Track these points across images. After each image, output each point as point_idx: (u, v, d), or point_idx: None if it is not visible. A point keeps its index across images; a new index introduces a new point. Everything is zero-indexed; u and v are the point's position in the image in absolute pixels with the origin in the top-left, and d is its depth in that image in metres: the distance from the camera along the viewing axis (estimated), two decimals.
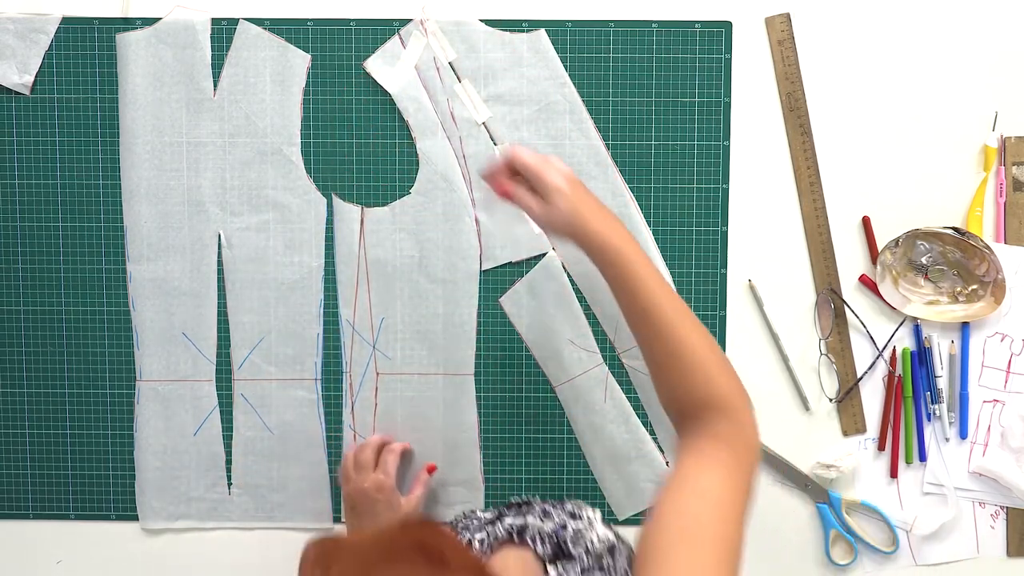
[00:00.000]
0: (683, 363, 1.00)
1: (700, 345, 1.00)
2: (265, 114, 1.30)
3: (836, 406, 1.32)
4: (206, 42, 1.29)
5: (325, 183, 1.30)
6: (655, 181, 1.30)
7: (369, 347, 1.31)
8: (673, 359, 1.01)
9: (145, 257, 1.31)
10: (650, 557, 0.88)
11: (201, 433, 1.33)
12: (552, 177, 1.05)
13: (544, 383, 1.32)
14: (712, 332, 1.29)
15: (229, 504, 1.34)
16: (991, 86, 1.29)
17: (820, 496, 1.32)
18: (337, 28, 1.29)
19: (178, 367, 1.32)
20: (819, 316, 1.31)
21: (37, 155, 1.31)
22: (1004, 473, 1.30)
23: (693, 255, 1.30)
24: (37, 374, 1.33)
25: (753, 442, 1.00)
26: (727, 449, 0.97)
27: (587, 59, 1.28)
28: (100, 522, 1.34)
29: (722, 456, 0.96)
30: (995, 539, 1.32)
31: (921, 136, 1.30)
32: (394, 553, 0.75)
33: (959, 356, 1.31)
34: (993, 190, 1.30)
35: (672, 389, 1.02)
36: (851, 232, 1.31)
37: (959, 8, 1.29)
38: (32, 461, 1.34)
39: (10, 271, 1.32)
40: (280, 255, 1.31)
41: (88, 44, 1.29)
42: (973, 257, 1.28)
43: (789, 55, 1.29)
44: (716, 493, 0.93)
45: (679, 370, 1.01)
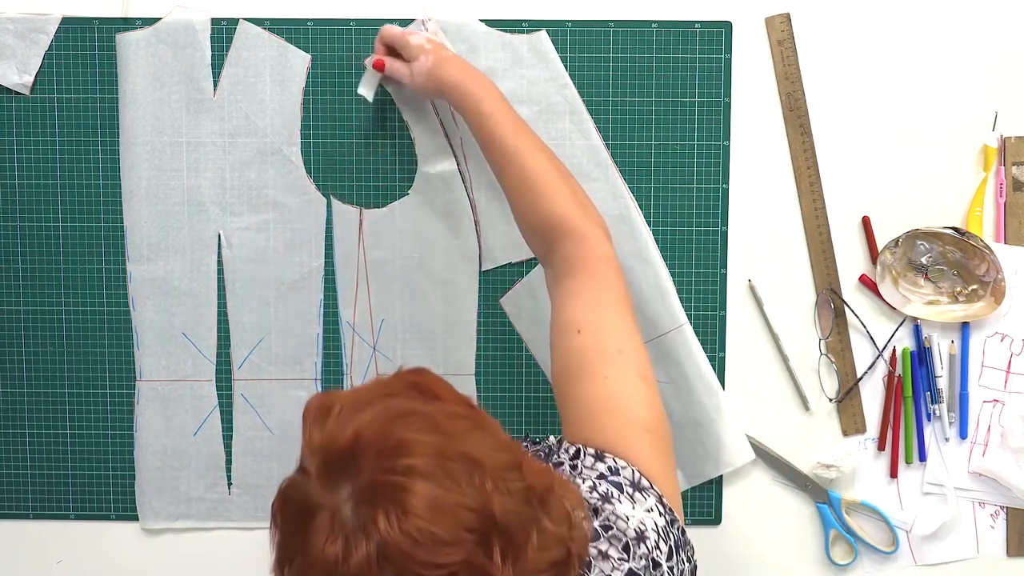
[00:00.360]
0: (526, 189, 1.11)
1: (542, 172, 1.11)
2: (265, 114, 1.30)
3: (836, 406, 1.32)
4: (206, 42, 1.29)
5: (325, 183, 1.30)
6: (655, 181, 1.30)
7: (369, 348, 1.31)
8: (518, 186, 1.12)
9: (145, 257, 1.31)
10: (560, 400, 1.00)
11: (201, 433, 1.33)
12: (414, 39, 1.20)
13: (544, 384, 1.32)
14: (712, 332, 1.31)
15: (229, 504, 1.34)
16: (991, 86, 1.29)
17: (820, 496, 1.32)
18: (337, 28, 1.29)
19: (178, 367, 1.32)
20: (819, 316, 1.31)
21: (37, 155, 1.31)
22: (1004, 473, 1.30)
23: (693, 255, 1.30)
24: (37, 374, 1.33)
25: (602, 255, 1.07)
26: (580, 274, 1.06)
27: (587, 59, 1.28)
28: (100, 522, 1.34)
29: (578, 284, 1.05)
30: (995, 539, 1.32)
31: (921, 136, 1.30)
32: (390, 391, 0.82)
33: (959, 356, 1.31)
34: (993, 190, 1.30)
35: (522, 215, 1.13)
36: (851, 232, 1.31)
37: (959, 8, 1.29)
38: (32, 461, 1.34)
39: (10, 271, 1.32)
40: (280, 255, 1.31)
41: (88, 44, 1.29)
42: (973, 257, 1.28)
43: (789, 55, 1.29)
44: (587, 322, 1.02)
45: (524, 196, 1.11)
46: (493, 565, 0.74)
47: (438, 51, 1.20)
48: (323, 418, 0.80)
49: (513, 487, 0.78)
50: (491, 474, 0.77)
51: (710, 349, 1.31)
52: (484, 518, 0.75)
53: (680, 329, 1.29)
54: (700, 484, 1.31)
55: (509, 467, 0.79)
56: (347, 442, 0.77)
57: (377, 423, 0.77)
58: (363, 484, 0.75)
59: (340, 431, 0.77)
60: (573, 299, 1.05)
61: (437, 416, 0.79)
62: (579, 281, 1.06)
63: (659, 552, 0.89)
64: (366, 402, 0.80)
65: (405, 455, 0.75)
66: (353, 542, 0.73)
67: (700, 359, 1.29)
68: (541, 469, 0.84)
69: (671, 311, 1.29)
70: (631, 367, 0.99)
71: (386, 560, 0.73)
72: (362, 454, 0.76)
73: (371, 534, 0.73)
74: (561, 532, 0.80)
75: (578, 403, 0.98)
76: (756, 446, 1.31)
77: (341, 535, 0.74)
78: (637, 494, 0.91)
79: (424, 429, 0.77)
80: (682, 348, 1.29)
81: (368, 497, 0.74)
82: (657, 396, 1.00)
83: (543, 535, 0.79)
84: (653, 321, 1.29)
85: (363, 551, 0.73)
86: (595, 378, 0.98)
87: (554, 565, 0.79)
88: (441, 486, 0.74)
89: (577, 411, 0.98)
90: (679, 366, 1.29)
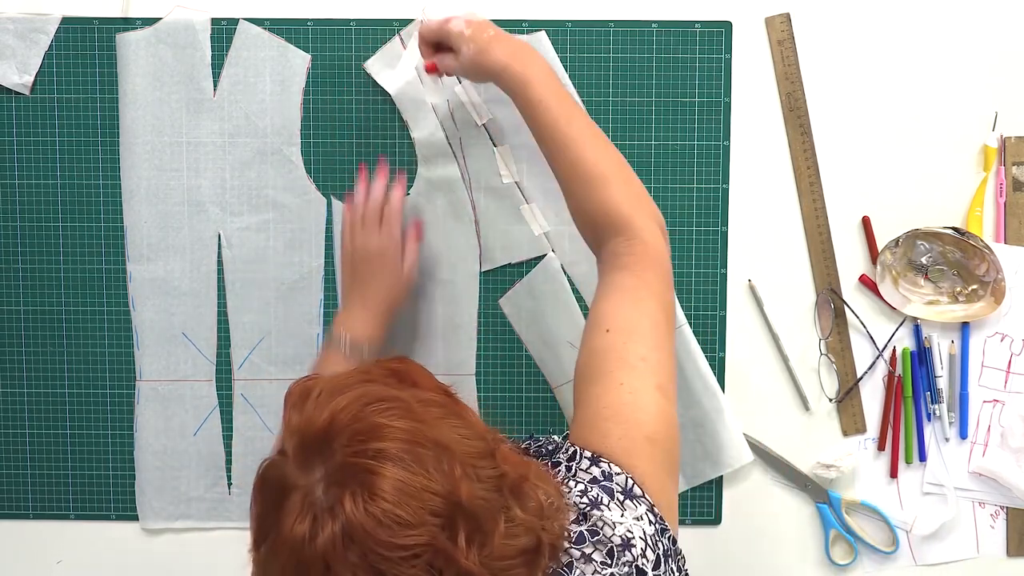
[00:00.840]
0: (578, 180, 1.08)
1: (599, 162, 1.08)
2: (265, 114, 1.30)
3: (836, 406, 1.32)
4: (206, 42, 1.29)
5: (325, 183, 1.30)
6: (655, 181, 1.30)
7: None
8: (569, 177, 1.09)
9: (145, 257, 1.31)
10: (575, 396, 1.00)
11: (201, 433, 1.33)
12: (453, 25, 1.13)
13: (543, 384, 1.32)
14: (712, 332, 1.30)
15: (229, 504, 1.34)
16: (991, 86, 1.29)
17: (820, 496, 1.32)
18: (337, 28, 1.29)
19: (178, 367, 1.32)
20: (819, 316, 1.31)
21: (37, 155, 1.31)
22: (1004, 473, 1.30)
23: (693, 255, 1.30)
24: (37, 374, 1.33)
25: (652, 255, 1.05)
26: (625, 272, 1.04)
27: (587, 59, 1.28)
28: (100, 522, 1.34)
29: (620, 280, 1.03)
30: (995, 539, 1.32)
31: (921, 136, 1.30)
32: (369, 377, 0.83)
33: (959, 356, 1.31)
34: (993, 190, 1.30)
35: (574, 206, 1.10)
36: (851, 232, 1.31)
37: (959, 8, 1.29)
38: (32, 461, 1.34)
39: (10, 271, 1.32)
40: (280, 255, 1.31)
41: (88, 44, 1.29)
42: (973, 257, 1.28)
43: (789, 55, 1.29)
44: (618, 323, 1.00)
45: (576, 187, 1.09)
46: (457, 550, 0.75)
47: (479, 35, 1.12)
48: (303, 402, 0.81)
49: (483, 474, 0.79)
50: (460, 460, 0.78)
51: (710, 349, 1.31)
52: (450, 503, 0.76)
53: (679, 330, 1.29)
54: (700, 484, 1.31)
55: (481, 455, 0.80)
56: (323, 424, 0.78)
57: (352, 407, 0.79)
58: (335, 466, 0.77)
59: (317, 414, 0.79)
60: (611, 295, 1.04)
61: (411, 402, 0.80)
62: (622, 278, 1.04)
63: (645, 560, 0.88)
64: (344, 387, 0.81)
65: (376, 439, 0.77)
66: (320, 522, 0.75)
67: (699, 359, 1.29)
68: (517, 459, 0.85)
69: None
70: (650, 377, 0.98)
71: (351, 540, 0.74)
72: (336, 437, 0.78)
73: (337, 515, 0.75)
74: (532, 521, 0.81)
75: (589, 404, 0.98)
76: (756, 446, 1.31)
77: (310, 515, 0.75)
78: (628, 501, 0.91)
79: (397, 415, 0.79)
80: (681, 349, 1.29)
81: (338, 479, 0.76)
82: (672, 410, 0.99)
83: (512, 523, 0.79)
84: None
85: (329, 531, 0.74)
86: (610, 382, 0.97)
87: (523, 553, 0.80)
88: (409, 470, 0.76)
89: (585, 412, 0.98)
90: (679, 367, 1.29)
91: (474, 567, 0.76)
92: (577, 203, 1.10)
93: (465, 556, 0.75)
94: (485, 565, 0.76)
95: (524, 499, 0.82)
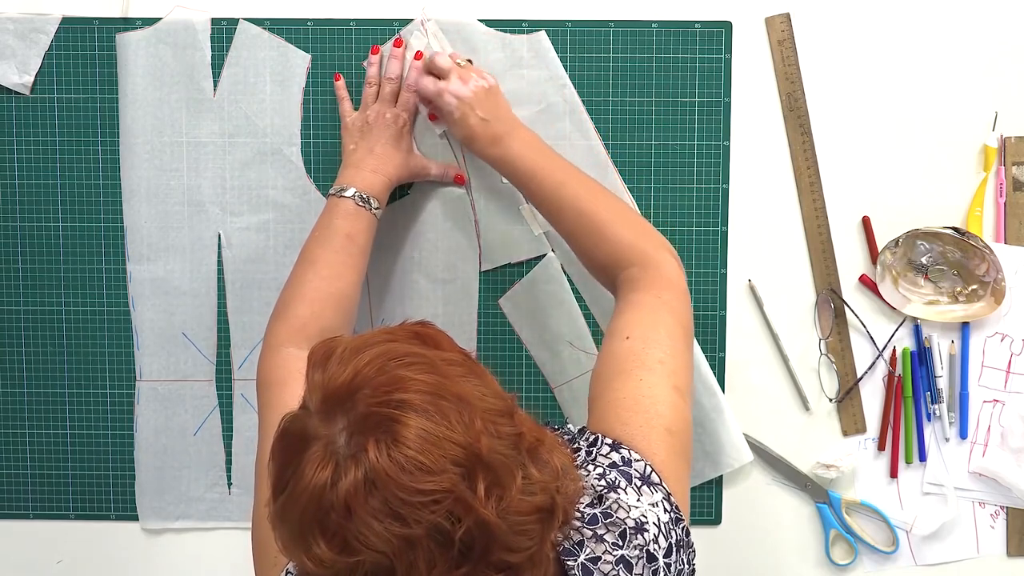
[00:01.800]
0: (587, 231, 1.14)
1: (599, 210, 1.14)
2: (265, 114, 1.30)
3: (836, 406, 1.32)
4: (206, 42, 1.29)
5: (325, 183, 1.30)
6: (655, 181, 1.30)
7: None
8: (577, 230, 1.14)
9: (145, 257, 1.31)
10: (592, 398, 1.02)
11: (201, 433, 1.33)
12: (445, 106, 1.20)
13: (543, 384, 1.32)
14: (712, 332, 1.30)
15: (229, 504, 1.34)
16: (991, 86, 1.29)
17: (820, 496, 1.32)
18: (337, 28, 1.29)
19: (178, 367, 1.32)
20: (819, 316, 1.31)
21: (37, 155, 1.31)
22: (1004, 473, 1.30)
23: (693, 255, 1.30)
24: (37, 374, 1.33)
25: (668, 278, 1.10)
26: (642, 291, 1.08)
27: (587, 59, 1.28)
28: (100, 522, 1.34)
29: (638, 297, 1.08)
30: (995, 539, 1.32)
31: (921, 136, 1.30)
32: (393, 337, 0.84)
33: (959, 356, 1.31)
34: (993, 190, 1.30)
35: (588, 255, 1.15)
36: (851, 232, 1.31)
37: (958, 8, 1.29)
38: (32, 461, 1.34)
39: (10, 271, 1.32)
40: (280, 255, 1.31)
41: (88, 44, 1.29)
42: (973, 257, 1.28)
43: (789, 55, 1.29)
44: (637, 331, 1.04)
45: (586, 237, 1.14)
46: (477, 499, 0.76)
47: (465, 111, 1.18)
48: (325, 360, 0.82)
49: (502, 431, 0.80)
50: (481, 415, 0.79)
51: (710, 349, 1.31)
52: (471, 454, 0.77)
53: None
54: (700, 484, 1.31)
55: (500, 413, 0.82)
56: (347, 378, 0.79)
57: (376, 361, 0.80)
58: (358, 416, 0.78)
59: (340, 369, 0.80)
60: (629, 309, 1.07)
61: (435, 360, 0.82)
62: (639, 296, 1.08)
63: (657, 546, 0.89)
64: (368, 344, 0.82)
65: (400, 390, 0.78)
66: (343, 468, 0.76)
67: (699, 360, 1.29)
68: (532, 424, 0.86)
69: None
70: (669, 377, 1.01)
71: (373, 486, 0.75)
72: (359, 389, 0.79)
73: (360, 461, 0.76)
74: (547, 482, 0.82)
75: (607, 398, 1.00)
76: (756, 446, 1.31)
77: (332, 462, 0.76)
78: (645, 487, 0.92)
79: (420, 369, 0.80)
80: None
81: (361, 427, 0.77)
82: (688, 409, 1.02)
83: (529, 480, 0.81)
84: None
85: (352, 477, 0.75)
86: (630, 378, 1.00)
87: (538, 510, 0.81)
88: (432, 420, 0.77)
89: (605, 405, 1.00)
90: None
91: (491, 517, 0.77)
92: (588, 253, 1.15)
93: (483, 505, 0.76)
94: (502, 517, 0.78)
95: (539, 461, 0.83)
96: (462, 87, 1.19)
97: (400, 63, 1.25)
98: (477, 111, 1.18)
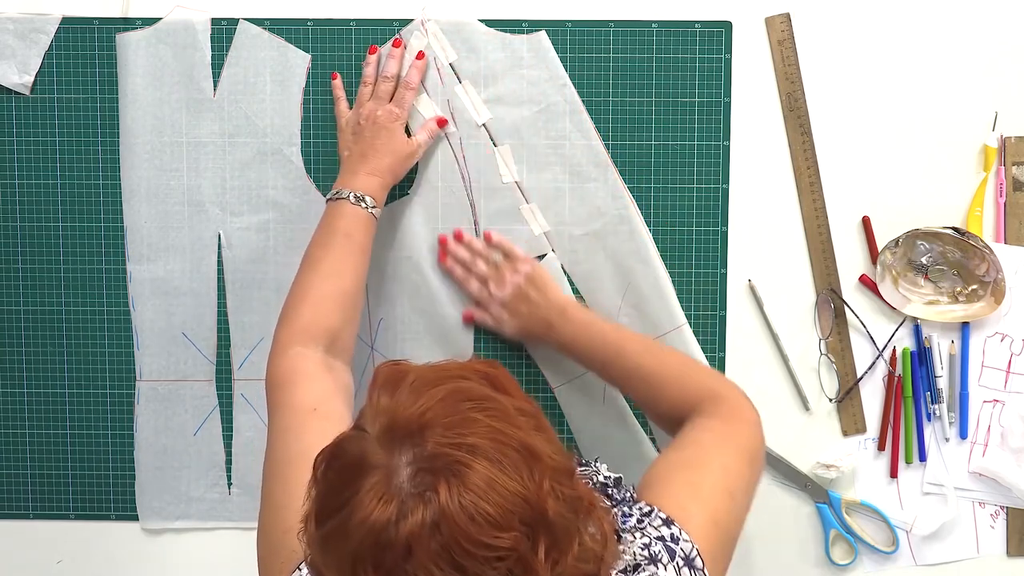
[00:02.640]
0: (657, 387, 1.15)
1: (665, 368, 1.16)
2: (265, 114, 1.30)
3: (836, 406, 1.32)
4: (206, 42, 1.29)
5: (325, 183, 1.30)
6: (655, 181, 1.30)
7: (367, 348, 1.31)
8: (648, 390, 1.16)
9: (145, 257, 1.31)
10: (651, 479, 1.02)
11: (201, 433, 1.33)
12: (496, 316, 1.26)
13: (543, 384, 1.32)
14: (712, 332, 1.30)
15: (229, 504, 1.34)
16: (991, 86, 1.29)
17: (820, 496, 1.32)
18: (337, 28, 1.29)
19: (178, 367, 1.32)
20: (819, 316, 1.31)
21: (37, 155, 1.31)
22: (1004, 473, 1.30)
23: (693, 255, 1.30)
24: (37, 374, 1.33)
25: (743, 410, 1.11)
26: (715, 419, 1.09)
27: (587, 59, 1.28)
28: (100, 522, 1.34)
29: (711, 423, 1.08)
30: (995, 539, 1.32)
31: (921, 136, 1.30)
32: (463, 374, 0.83)
33: (959, 356, 1.31)
34: (993, 190, 1.30)
35: (655, 410, 1.18)
36: (851, 232, 1.31)
37: (958, 8, 1.29)
38: (32, 461, 1.34)
39: (10, 271, 1.32)
40: (280, 255, 1.31)
41: (88, 44, 1.29)
42: (973, 257, 1.28)
43: (789, 55, 1.29)
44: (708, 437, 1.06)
45: (656, 392, 1.16)
46: (537, 561, 0.74)
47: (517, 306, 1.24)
48: (393, 385, 0.81)
49: (565, 493, 0.78)
50: (550, 474, 0.77)
51: (710, 349, 1.31)
52: (537, 513, 0.75)
53: (679, 330, 1.29)
54: None
55: (565, 473, 0.80)
56: (418, 411, 0.77)
57: (449, 400, 0.78)
58: (426, 453, 0.75)
59: (411, 400, 0.78)
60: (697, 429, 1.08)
61: (508, 408, 0.80)
62: (710, 421, 1.09)
63: None
64: (441, 379, 0.81)
65: (472, 434, 0.76)
66: (409, 507, 0.73)
67: (699, 359, 1.29)
68: (586, 488, 0.85)
69: (670, 312, 1.29)
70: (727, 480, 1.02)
71: (438, 530, 0.73)
72: (429, 425, 0.76)
73: (429, 501, 0.73)
74: (598, 549, 0.81)
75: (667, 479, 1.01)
76: None
77: (396, 499, 0.74)
78: (686, 569, 0.91)
79: (494, 416, 0.78)
80: (681, 349, 1.29)
81: (430, 466, 0.75)
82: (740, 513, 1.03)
83: (583, 547, 0.79)
84: (653, 321, 1.29)
85: (418, 517, 0.73)
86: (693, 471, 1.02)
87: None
88: (503, 472, 0.75)
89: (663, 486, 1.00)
90: None
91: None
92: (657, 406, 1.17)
93: (543, 568, 0.75)
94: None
95: (593, 526, 0.82)
96: (501, 293, 1.25)
97: (398, 62, 1.25)
98: (522, 307, 1.24)
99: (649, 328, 1.29)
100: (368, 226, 1.19)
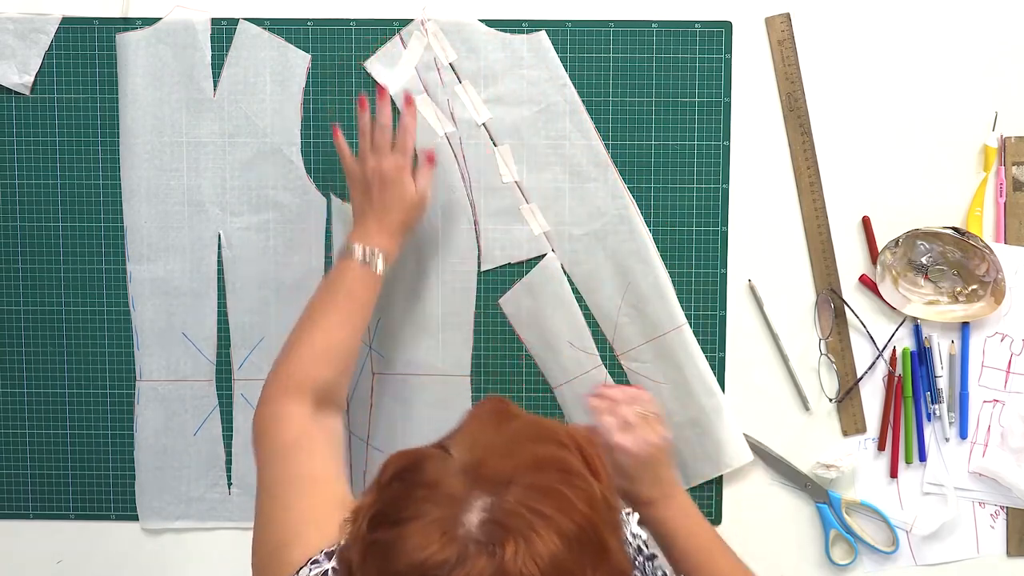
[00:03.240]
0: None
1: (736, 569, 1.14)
2: (265, 114, 1.30)
3: (836, 406, 1.32)
4: (206, 42, 1.29)
5: (325, 183, 1.30)
6: (655, 181, 1.30)
7: (366, 347, 1.31)
8: None
9: (145, 257, 1.31)
10: None
11: (201, 433, 1.33)
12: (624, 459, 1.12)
13: (543, 384, 1.32)
14: (712, 332, 1.30)
15: (229, 504, 1.34)
16: (991, 86, 1.29)
17: (820, 496, 1.32)
18: (337, 28, 1.29)
19: (178, 367, 1.33)
20: (819, 316, 1.31)
21: (37, 155, 1.31)
22: (1004, 473, 1.30)
23: (693, 255, 1.30)
24: (37, 374, 1.33)
25: None
26: None
27: (587, 59, 1.28)
28: (100, 522, 1.34)
29: None
30: (995, 539, 1.32)
31: (921, 136, 1.30)
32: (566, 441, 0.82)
33: (959, 356, 1.31)
34: (993, 190, 1.30)
35: None
36: (851, 232, 1.31)
37: (958, 8, 1.29)
38: (32, 461, 1.34)
39: (10, 271, 1.32)
40: (280, 255, 1.31)
41: (88, 44, 1.29)
42: (973, 257, 1.28)
43: (789, 55, 1.29)
44: None
45: None
46: None
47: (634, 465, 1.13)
48: (497, 423, 0.81)
49: None
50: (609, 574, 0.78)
51: (710, 349, 1.31)
52: None
53: (679, 330, 1.29)
54: (700, 484, 1.31)
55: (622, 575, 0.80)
56: (512, 463, 0.77)
57: (544, 464, 0.78)
58: (504, 506, 0.75)
59: (511, 448, 0.78)
60: None
61: (597, 495, 0.80)
62: None
63: None
64: (542, 438, 0.81)
65: (554, 507, 0.76)
66: (471, 553, 0.73)
67: (699, 360, 1.29)
68: None
69: (670, 312, 1.29)
70: None
71: None
72: (517, 481, 0.76)
73: (493, 555, 0.73)
74: None
75: None
76: (756, 446, 1.31)
77: (458, 543, 0.74)
78: None
79: (582, 498, 0.78)
80: (681, 349, 1.29)
81: (502, 520, 0.74)
82: None
83: None
84: (652, 322, 1.29)
85: (477, 567, 0.73)
86: None
87: None
88: (571, 553, 0.75)
89: None
90: (678, 367, 1.29)
91: None
92: None
93: None
94: None
95: None
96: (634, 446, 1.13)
97: (389, 107, 1.22)
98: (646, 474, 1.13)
99: (649, 328, 1.29)
100: (373, 285, 1.18)
